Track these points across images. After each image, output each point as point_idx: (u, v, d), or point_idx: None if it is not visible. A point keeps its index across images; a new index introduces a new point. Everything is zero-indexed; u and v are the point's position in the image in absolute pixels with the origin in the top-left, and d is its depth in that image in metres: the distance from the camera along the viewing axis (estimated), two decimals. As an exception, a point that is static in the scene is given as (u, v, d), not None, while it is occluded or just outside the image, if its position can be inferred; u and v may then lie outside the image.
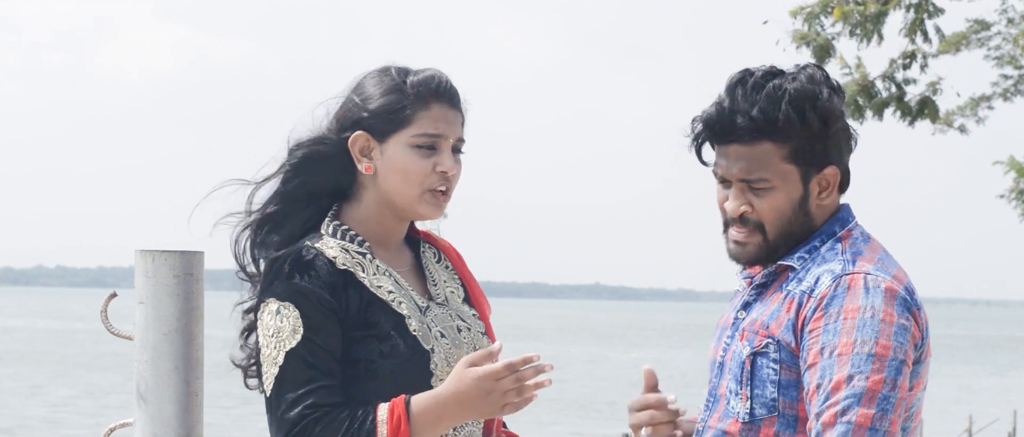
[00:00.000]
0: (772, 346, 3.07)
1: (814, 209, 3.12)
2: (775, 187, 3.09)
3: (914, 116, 15.71)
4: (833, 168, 3.11)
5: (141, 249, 3.33)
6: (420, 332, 3.29)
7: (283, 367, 3.24)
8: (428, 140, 3.31)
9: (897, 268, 3.08)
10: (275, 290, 3.28)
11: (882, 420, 2.94)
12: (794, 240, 3.13)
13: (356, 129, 3.32)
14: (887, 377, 2.95)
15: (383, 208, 3.36)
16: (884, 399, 2.94)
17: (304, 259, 3.27)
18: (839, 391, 2.94)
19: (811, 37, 15.35)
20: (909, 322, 3.00)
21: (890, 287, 3.01)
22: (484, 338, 3.41)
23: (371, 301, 3.29)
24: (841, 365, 2.95)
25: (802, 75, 3.09)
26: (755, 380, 3.08)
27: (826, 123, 3.08)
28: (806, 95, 3.06)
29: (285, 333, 3.25)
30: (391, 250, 3.41)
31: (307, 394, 3.21)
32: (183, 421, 3.30)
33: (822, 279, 3.04)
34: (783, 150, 3.07)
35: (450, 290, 3.45)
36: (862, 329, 2.97)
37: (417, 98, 3.31)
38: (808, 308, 3.03)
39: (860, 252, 3.08)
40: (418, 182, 3.31)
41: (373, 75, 3.37)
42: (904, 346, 2.98)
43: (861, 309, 2.98)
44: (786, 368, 3.05)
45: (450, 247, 3.54)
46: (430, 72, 3.36)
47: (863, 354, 2.95)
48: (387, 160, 3.31)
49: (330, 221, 3.35)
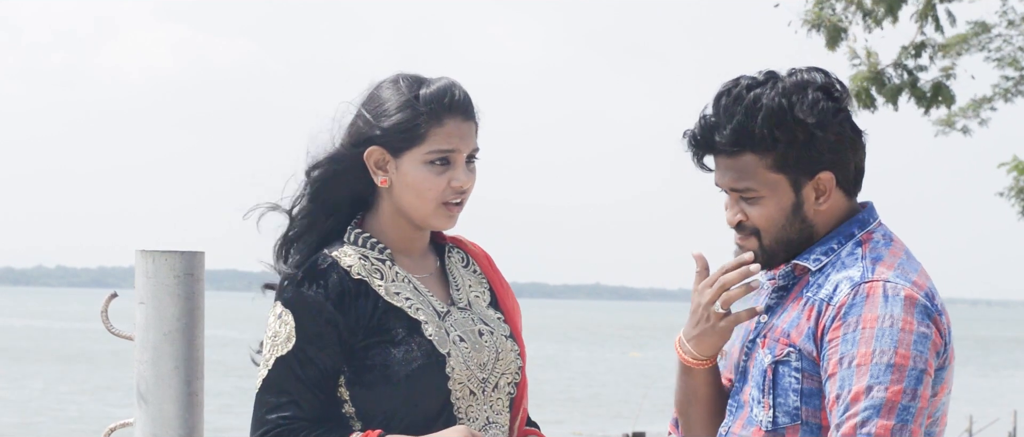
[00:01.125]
0: (794, 355, 3.05)
1: (812, 215, 3.10)
2: (764, 196, 3.09)
3: (929, 102, 15.62)
4: (827, 173, 3.09)
5: (141, 249, 3.33)
6: (436, 337, 3.32)
7: (271, 371, 3.30)
8: (441, 155, 3.33)
9: (918, 272, 3.07)
10: (284, 295, 3.33)
11: (902, 431, 2.92)
12: (793, 246, 3.12)
13: (370, 145, 3.34)
14: (907, 387, 2.93)
15: (399, 218, 3.39)
16: (904, 410, 2.92)
17: (317, 268, 3.33)
18: (858, 402, 2.93)
19: (823, 19, 15.30)
20: (930, 329, 2.99)
21: (909, 294, 2.99)
22: (509, 341, 3.42)
23: (386, 308, 3.32)
24: (860, 375, 2.94)
25: (787, 82, 3.07)
26: (777, 389, 3.07)
27: (811, 130, 3.04)
28: (784, 106, 3.04)
29: (280, 339, 3.30)
30: (414, 256, 3.44)
31: (287, 405, 3.27)
32: (183, 421, 3.30)
33: (841, 286, 3.02)
34: (766, 160, 3.07)
35: (475, 294, 3.46)
36: (881, 339, 2.95)
37: (430, 115, 3.32)
38: (827, 317, 3.01)
39: (880, 257, 3.06)
40: (432, 198, 3.34)
41: (386, 87, 3.38)
42: (924, 355, 2.96)
43: (880, 318, 2.96)
44: (808, 377, 3.04)
45: (480, 251, 3.56)
46: (443, 85, 3.36)
47: (882, 364, 2.93)
48: (402, 176, 3.34)
49: (352, 229, 3.40)
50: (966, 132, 18.62)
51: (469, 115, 3.37)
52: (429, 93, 3.34)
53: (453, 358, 3.32)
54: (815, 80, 3.10)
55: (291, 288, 3.32)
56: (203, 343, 3.34)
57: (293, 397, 3.27)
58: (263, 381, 3.30)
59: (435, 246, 3.51)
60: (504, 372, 3.40)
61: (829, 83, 3.11)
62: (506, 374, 3.40)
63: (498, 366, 3.39)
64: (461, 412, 3.33)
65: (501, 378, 3.39)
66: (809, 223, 3.11)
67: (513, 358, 3.42)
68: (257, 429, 3.29)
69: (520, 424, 3.49)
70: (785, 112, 3.04)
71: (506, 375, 3.40)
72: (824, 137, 3.06)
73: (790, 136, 3.04)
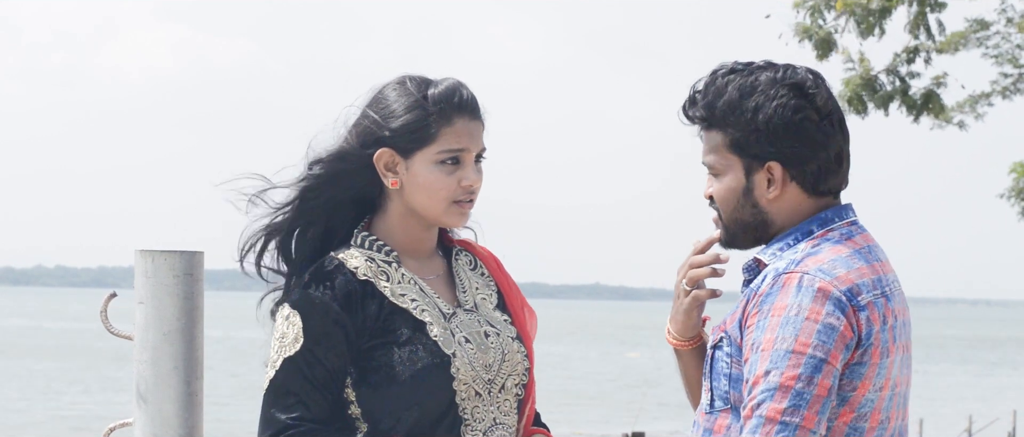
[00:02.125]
0: (725, 340, 3.16)
1: (764, 202, 3.19)
2: (721, 173, 3.21)
3: (919, 110, 15.66)
4: (776, 164, 3.16)
5: (141, 249, 3.33)
6: (441, 338, 3.33)
7: (279, 372, 3.30)
8: (452, 155, 3.35)
9: (853, 269, 3.10)
10: (291, 296, 3.34)
11: (793, 414, 2.99)
12: (751, 229, 3.21)
13: (379, 146, 3.35)
14: (802, 373, 3.00)
15: (409, 218, 3.40)
16: (797, 394, 2.99)
17: (324, 269, 3.34)
18: (758, 386, 3.02)
19: (813, 30, 15.34)
20: (839, 322, 3.03)
21: (823, 287, 3.05)
22: (515, 342, 3.43)
23: (392, 310, 3.34)
24: (762, 361, 3.03)
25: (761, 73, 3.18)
26: (713, 373, 3.18)
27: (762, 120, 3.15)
28: (751, 89, 3.16)
29: (288, 340, 3.31)
30: (421, 259, 3.45)
31: (295, 405, 3.28)
32: (183, 421, 3.30)
33: (767, 277, 3.12)
34: (726, 139, 3.19)
35: (482, 296, 3.48)
36: (785, 326, 3.03)
37: (440, 114, 3.35)
38: (751, 305, 3.12)
39: (817, 252, 3.12)
40: (444, 197, 3.36)
41: (393, 88, 3.39)
42: (827, 345, 3.02)
43: (788, 307, 3.04)
44: (735, 362, 3.13)
45: (489, 254, 3.58)
46: (451, 84, 3.39)
47: (781, 350, 3.01)
48: (412, 176, 3.35)
49: (359, 232, 3.41)
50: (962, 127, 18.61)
51: (476, 114, 3.40)
52: (438, 93, 3.36)
53: (458, 359, 3.33)
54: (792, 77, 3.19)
55: (298, 290, 3.33)
56: (203, 343, 3.35)
57: (301, 398, 3.28)
58: (271, 382, 3.31)
59: (443, 248, 3.52)
60: (511, 373, 3.41)
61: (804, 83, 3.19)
62: (513, 375, 3.41)
63: (504, 367, 3.40)
64: (467, 413, 3.34)
65: (508, 379, 3.40)
66: (761, 210, 3.19)
67: (520, 360, 3.42)
68: (266, 430, 3.29)
69: (527, 424, 3.50)
70: (747, 94, 3.16)
71: (513, 377, 3.41)
72: (774, 129, 3.15)
73: (741, 121, 3.16)
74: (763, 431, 2.99)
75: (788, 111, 3.15)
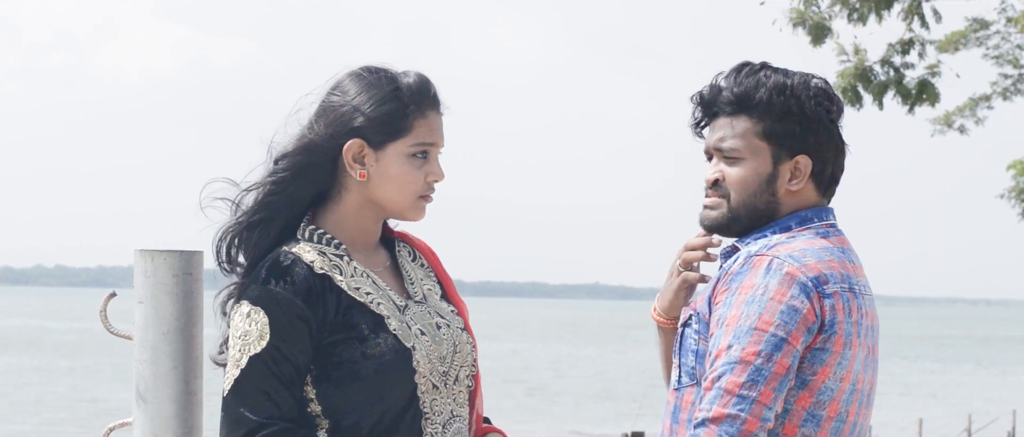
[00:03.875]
0: (694, 317, 3.27)
1: (782, 193, 3.31)
2: (745, 159, 3.30)
3: (913, 100, 15.65)
4: (806, 158, 3.30)
5: (140, 249, 3.33)
6: (400, 331, 3.29)
7: (244, 371, 3.23)
8: (423, 148, 3.33)
9: (823, 260, 3.21)
10: (250, 293, 3.26)
11: (751, 388, 3.09)
12: (758, 216, 3.30)
13: (352, 136, 3.31)
14: (762, 350, 3.11)
15: (366, 211, 3.36)
16: (756, 370, 3.10)
17: (281, 264, 3.27)
18: (719, 359, 3.14)
19: (807, 16, 15.34)
20: (802, 305, 3.14)
21: (791, 272, 3.17)
22: (463, 334, 3.42)
23: (350, 304, 3.29)
24: (726, 335, 3.14)
25: (800, 75, 3.33)
26: (682, 349, 3.29)
27: (804, 114, 3.29)
28: (788, 85, 3.30)
29: (252, 337, 3.24)
30: (367, 251, 3.41)
31: (265, 404, 3.22)
32: (183, 420, 3.30)
33: (739, 258, 3.23)
34: (758, 127, 3.29)
35: (427, 288, 3.46)
36: (750, 304, 3.14)
37: (416, 106, 3.32)
38: (722, 283, 3.23)
39: (789, 242, 3.24)
40: (412, 191, 3.33)
41: (360, 76, 3.35)
42: (788, 325, 3.12)
43: (755, 286, 3.16)
44: (703, 339, 3.24)
45: (425, 246, 3.55)
46: (421, 77, 3.36)
47: (745, 327, 3.13)
48: (382, 168, 3.32)
49: (306, 225, 3.35)
50: (963, 131, 18.63)
51: (441, 109, 3.39)
52: (412, 84, 3.34)
53: (418, 352, 3.30)
54: (819, 83, 3.35)
55: (256, 286, 3.26)
56: (202, 343, 3.34)
57: (270, 396, 3.22)
58: (235, 381, 3.23)
59: (384, 241, 3.48)
60: (462, 364, 3.39)
61: (830, 91, 3.36)
62: (464, 366, 3.39)
63: (456, 359, 3.38)
64: (426, 406, 3.31)
65: (460, 371, 3.38)
66: (777, 199, 3.30)
67: (469, 350, 3.41)
68: (236, 430, 3.22)
69: (478, 418, 3.48)
70: (788, 88, 3.30)
71: (464, 368, 3.39)
72: (814, 124, 3.30)
73: (786, 108, 3.29)
74: (721, 402, 3.10)
75: (823, 111, 3.31)
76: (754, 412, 3.08)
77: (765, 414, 3.09)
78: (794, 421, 3.16)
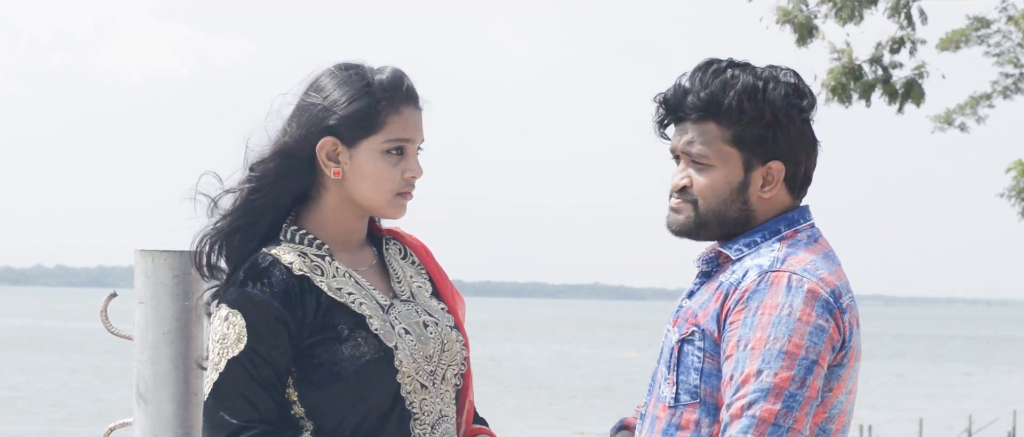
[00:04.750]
0: (697, 334, 3.13)
1: (755, 200, 3.19)
2: (714, 166, 3.17)
3: (901, 99, 15.67)
4: (778, 163, 3.17)
5: (141, 249, 3.33)
6: (382, 331, 3.26)
7: (223, 374, 3.19)
8: (398, 145, 3.28)
9: (832, 271, 3.12)
10: (228, 296, 3.22)
11: (786, 416, 2.98)
12: (729, 224, 3.20)
13: (324, 135, 3.27)
14: (796, 375, 2.99)
15: (345, 209, 3.32)
16: (790, 396, 2.99)
17: (259, 266, 3.24)
18: (748, 384, 3.00)
19: (794, 14, 15.35)
20: (828, 324, 3.04)
21: (813, 288, 3.06)
22: (454, 331, 3.37)
23: (330, 305, 3.25)
24: (752, 359, 3.00)
25: (768, 72, 3.19)
26: (681, 366, 3.14)
27: (776, 118, 3.16)
28: (758, 88, 3.16)
29: (230, 340, 3.20)
30: (352, 250, 3.37)
31: (244, 407, 3.19)
32: (183, 420, 3.30)
33: (750, 273, 3.10)
34: (726, 133, 3.16)
35: (417, 285, 3.41)
36: (777, 326, 3.01)
37: (388, 102, 3.27)
38: (732, 300, 3.09)
39: (795, 252, 3.13)
40: (388, 189, 3.28)
41: (333, 74, 3.31)
42: (818, 346, 3.02)
43: (779, 306, 3.03)
44: (709, 357, 3.11)
45: (417, 242, 3.51)
46: (395, 72, 3.31)
47: (775, 350, 3.00)
48: (356, 165, 3.27)
49: (288, 226, 3.32)
50: (964, 129, 18.64)
51: (419, 104, 3.33)
52: (385, 80, 3.29)
53: (400, 351, 3.26)
54: (789, 78, 3.21)
55: (234, 289, 3.22)
56: (202, 342, 3.34)
57: (249, 399, 3.18)
58: (214, 385, 3.19)
59: (372, 238, 3.44)
60: (450, 363, 3.35)
61: (801, 85, 3.22)
62: (452, 365, 3.35)
63: (445, 357, 3.34)
64: (414, 407, 3.28)
65: (448, 370, 3.34)
66: (750, 207, 3.19)
67: (459, 349, 3.37)
68: (216, 434, 3.18)
69: (467, 418, 3.45)
70: (758, 92, 3.15)
71: (452, 366, 3.35)
72: (785, 127, 3.17)
73: (756, 115, 3.15)
74: (756, 431, 2.98)
75: (795, 110, 3.17)
76: None
77: None
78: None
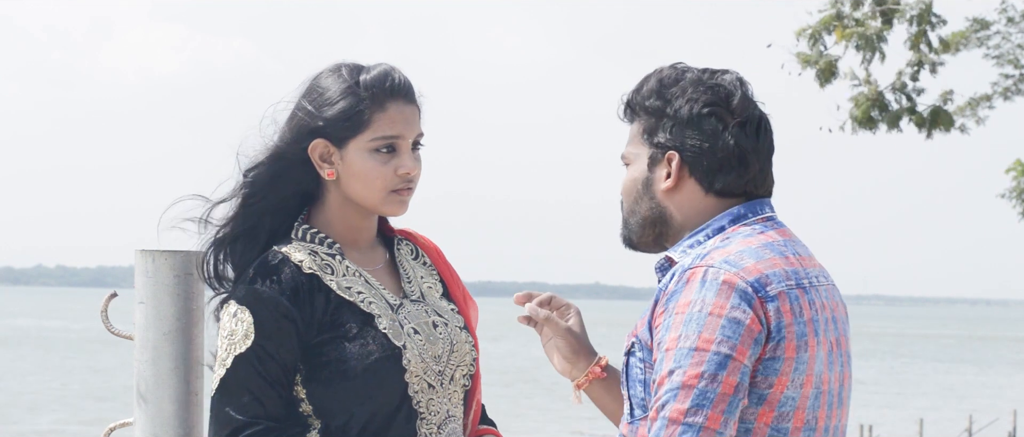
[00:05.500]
0: (636, 345, 3.05)
1: (660, 195, 3.11)
2: (629, 163, 3.16)
3: (929, 126, 15.72)
4: (674, 154, 3.08)
5: (141, 249, 3.33)
6: (390, 330, 3.26)
7: (230, 370, 3.20)
8: (387, 142, 3.26)
9: (762, 260, 2.99)
10: (237, 293, 3.23)
11: (696, 414, 2.86)
12: (649, 226, 3.13)
13: (314, 138, 3.27)
14: (705, 371, 2.87)
15: (347, 208, 3.32)
16: (700, 394, 2.87)
17: (269, 264, 3.24)
18: (662, 386, 2.90)
19: (814, 58, 15.37)
20: (746, 315, 2.90)
21: (728, 279, 2.93)
22: (463, 332, 3.38)
23: (339, 303, 3.26)
24: (667, 360, 2.91)
25: (697, 72, 3.13)
26: (629, 380, 3.07)
27: (676, 109, 3.09)
28: (672, 82, 3.12)
29: (238, 337, 3.21)
30: (362, 249, 3.38)
31: (250, 403, 3.19)
32: (183, 420, 3.30)
33: (675, 275, 3.02)
34: (639, 128, 3.14)
35: (427, 286, 3.42)
36: (688, 324, 2.91)
37: (372, 100, 3.26)
38: (660, 305, 3.01)
39: (725, 246, 3.02)
40: (380, 186, 3.27)
41: (324, 76, 3.31)
42: (732, 340, 2.89)
43: (692, 303, 2.92)
44: (648, 366, 3.02)
45: (430, 243, 3.51)
46: (383, 69, 3.30)
47: (685, 349, 2.89)
48: (347, 165, 3.27)
49: (299, 225, 3.33)
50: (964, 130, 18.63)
51: (411, 99, 3.31)
52: (369, 78, 3.28)
53: (408, 351, 3.26)
54: (714, 79, 3.13)
55: (243, 286, 3.23)
56: (203, 343, 3.34)
57: (255, 395, 3.19)
58: (221, 381, 3.20)
59: (383, 238, 3.45)
60: (459, 364, 3.35)
61: (724, 84, 3.13)
62: (461, 366, 3.36)
63: (453, 358, 3.34)
64: (422, 406, 3.28)
65: (456, 370, 3.35)
66: (658, 203, 3.11)
67: (468, 350, 3.37)
68: (222, 430, 3.19)
69: (474, 419, 3.45)
70: (661, 89, 3.12)
71: (461, 367, 3.36)
72: (678, 120, 3.09)
73: (655, 109, 3.10)
74: (666, 432, 2.87)
75: (697, 105, 3.08)
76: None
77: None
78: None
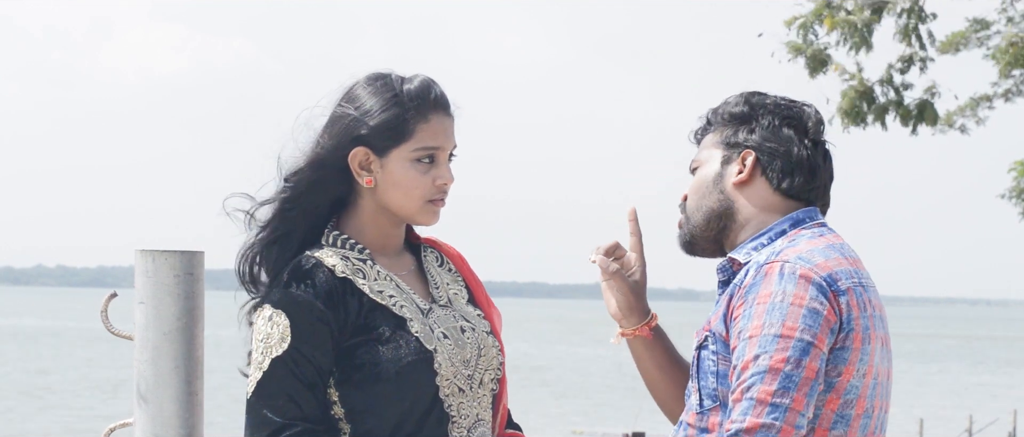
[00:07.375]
0: (710, 338, 3.24)
1: (730, 189, 3.33)
2: (700, 166, 3.39)
3: (914, 121, 15.72)
4: (749, 151, 3.32)
5: (141, 249, 3.32)
6: (422, 333, 3.30)
7: (267, 373, 3.25)
8: (428, 152, 3.32)
9: (830, 258, 3.21)
10: (272, 297, 3.29)
11: (783, 396, 3.07)
12: (716, 218, 3.34)
13: (356, 145, 3.32)
14: (791, 356, 3.09)
15: (381, 216, 3.37)
16: (786, 377, 3.08)
17: (303, 268, 3.29)
18: (747, 370, 3.10)
19: (804, 48, 15.43)
20: (823, 306, 3.13)
21: (805, 273, 3.15)
22: (489, 337, 3.42)
23: (372, 307, 3.30)
24: (751, 346, 3.11)
25: (780, 98, 3.38)
26: (700, 373, 3.25)
27: (754, 113, 3.35)
28: (756, 100, 3.37)
29: (274, 340, 3.26)
30: (391, 255, 3.43)
31: (287, 406, 3.23)
32: (183, 421, 3.30)
33: (750, 271, 3.21)
34: (716, 136, 3.38)
35: (453, 292, 3.47)
36: (771, 312, 3.12)
37: (417, 111, 3.31)
38: (736, 298, 3.20)
39: (794, 245, 3.23)
40: (419, 196, 3.33)
41: (365, 85, 3.36)
42: (813, 328, 3.11)
43: (773, 294, 3.14)
44: (722, 358, 3.21)
45: (454, 251, 3.56)
46: (424, 80, 3.35)
47: (770, 335, 3.10)
48: (388, 174, 3.32)
49: (330, 231, 3.37)
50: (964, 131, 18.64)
51: (449, 111, 3.37)
52: (413, 89, 3.33)
53: (440, 354, 3.31)
54: (795, 107, 3.38)
55: (278, 289, 3.28)
56: (203, 343, 3.34)
57: (292, 397, 3.24)
58: (258, 384, 3.26)
59: (409, 246, 3.50)
60: (487, 368, 3.40)
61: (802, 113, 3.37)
62: (489, 370, 3.40)
63: (481, 362, 3.39)
64: (453, 410, 3.32)
65: (485, 374, 3.39)
66: (727, 196, 3.34)
67: (495, 354, 3.42)
68: (259, 432, 3.24)
69: (501, 423, 3.49)
70: (747, 102, 3.37)
71: (489, 372, 3.40)
72: (757, 127, 3.35)
73: (736, 121, 3.36)
74: (754, 412, 3.07)
75: (777, 119, 3.34)
76: (788, 420, 3.06)
77: (799, 421, 3.07)
78: (824, 425, 3.14)
